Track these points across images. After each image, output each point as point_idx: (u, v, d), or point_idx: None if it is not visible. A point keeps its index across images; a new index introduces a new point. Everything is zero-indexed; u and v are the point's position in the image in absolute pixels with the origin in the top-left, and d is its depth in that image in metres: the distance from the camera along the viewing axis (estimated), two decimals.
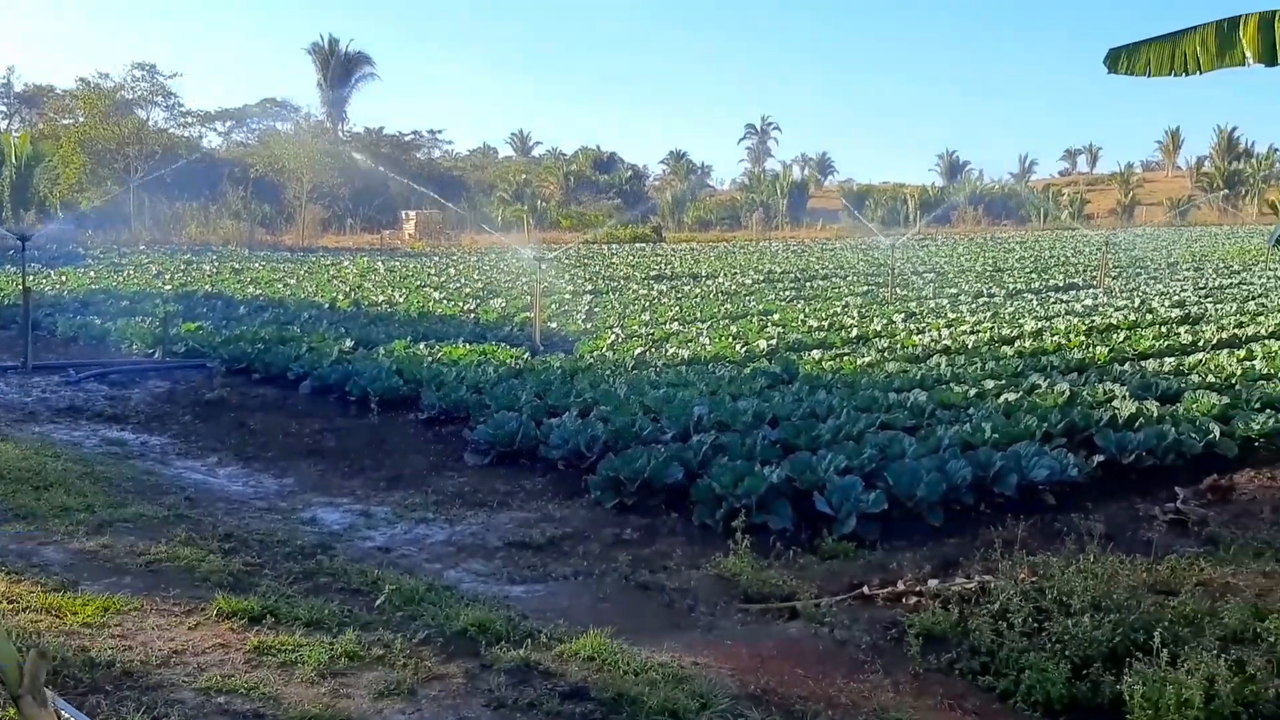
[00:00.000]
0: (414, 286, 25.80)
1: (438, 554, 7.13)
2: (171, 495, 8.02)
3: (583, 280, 28.16)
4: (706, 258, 40.80)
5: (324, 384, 12.34)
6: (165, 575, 5.95)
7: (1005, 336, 16.01)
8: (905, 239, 38.04)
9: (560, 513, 8.11)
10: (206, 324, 17.04)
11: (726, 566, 6.54)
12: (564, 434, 9.31)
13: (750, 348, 14.92)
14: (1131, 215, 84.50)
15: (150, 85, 53.05)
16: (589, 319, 19.15)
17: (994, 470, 8.21)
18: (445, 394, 11.19)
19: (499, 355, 13.93)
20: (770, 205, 77.86)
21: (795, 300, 23.06)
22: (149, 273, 28.78)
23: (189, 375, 13.61)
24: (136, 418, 11.31)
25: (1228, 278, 28.81)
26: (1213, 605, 5.40)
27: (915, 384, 11.73)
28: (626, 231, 60.67)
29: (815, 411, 10.12)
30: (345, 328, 16.96)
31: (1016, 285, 26.98)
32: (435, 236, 55.11)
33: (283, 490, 8.76)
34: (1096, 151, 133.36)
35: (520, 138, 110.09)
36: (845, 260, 37.95)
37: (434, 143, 78.52)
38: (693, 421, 9.67)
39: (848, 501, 7.52)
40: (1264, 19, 7.04)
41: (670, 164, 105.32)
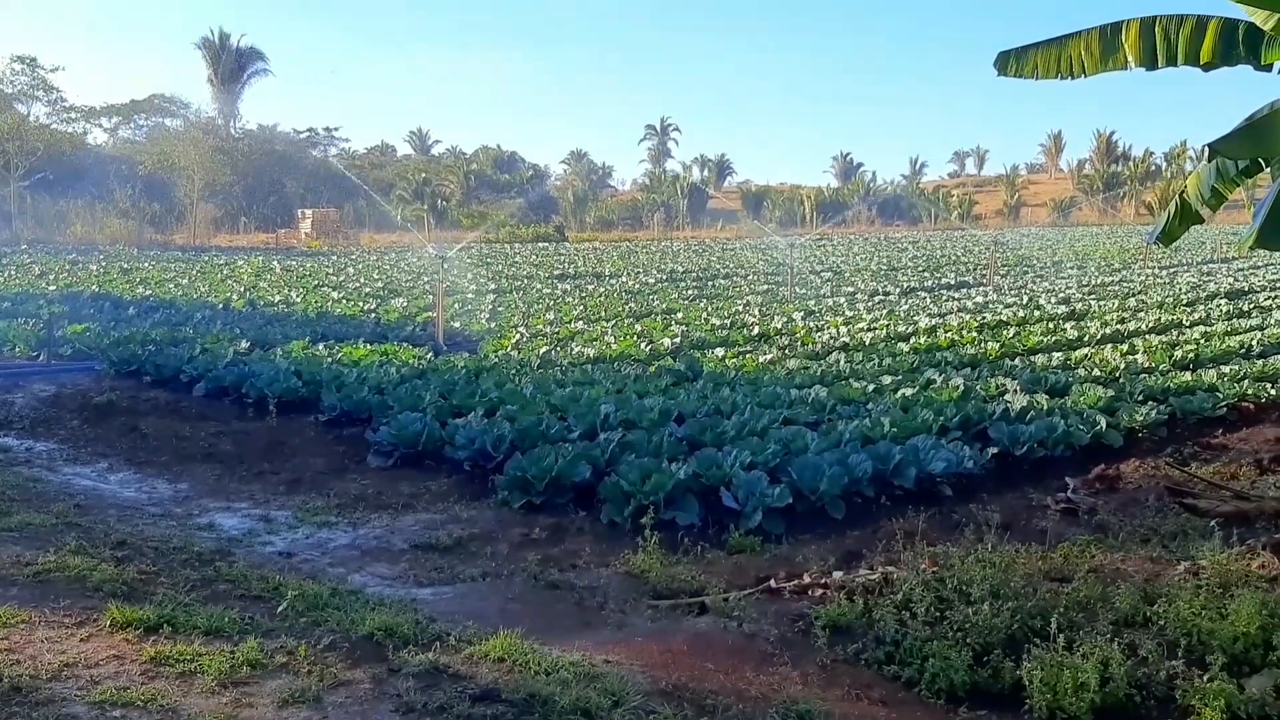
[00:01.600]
0: (311, 286, 25.29)
1: (342, 558, 7.00)
2: (60, 502, 7.70)
3: (486, 279, 27.95)
4: (609, 257, 40.88)
5: (219, 386, 11.99)
6: (55, 586, 5.70)
7: (901, 333, 16.40)
8: (804, 239, 38.67)
9: (467, 514, 8.03)
10: (94, 326, 16.44)
11: (636, 564, 6.56)
12: (470, 434, 9.23)
13: (655, 346, 15.00)
14: (1018, 216, 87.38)
15: (31, 79, 51.16)
16: (493, 318, 19.03)
17: (893, 463, 8.40)
18: (346, 395, 10.99)
19: (401, 355, 13.73)
20: (671, 205, 78.38)
21: (698, 299, 23.26)
22: (32, 273, 27.67)
23: (76, 378, 13.09)
24: (20, 423, 10.85)
25: (1109, 275, 29.97)
26: (1105, 591, 5.60)
27: (816, 380, 11.93)
28: (529, 231, 60.47)
29: (720, 408, 10.22)
30: (241, 328, 16.53)
31: (910, 284, 27.65)
32: (333, 235, 54.10)
33: (178, 495, 8.50)
34: (984, 154, 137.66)
35: (419, 135, 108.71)
36: (745, 260, 38.41)
37: (331, 140, 77.16)
38: (600, 420, 9.68)
39: (753, 496, 7.61)
40: (1145, 24, 7.37)
41: (571, 164, 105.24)
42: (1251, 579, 5.67)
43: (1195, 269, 32.45)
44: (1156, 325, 17.50)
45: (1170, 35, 7.23)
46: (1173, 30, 7.25)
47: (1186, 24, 7.22)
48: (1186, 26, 7.20)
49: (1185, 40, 7.17)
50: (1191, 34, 7.16)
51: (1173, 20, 7.32)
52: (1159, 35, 7.26)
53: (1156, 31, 7.27)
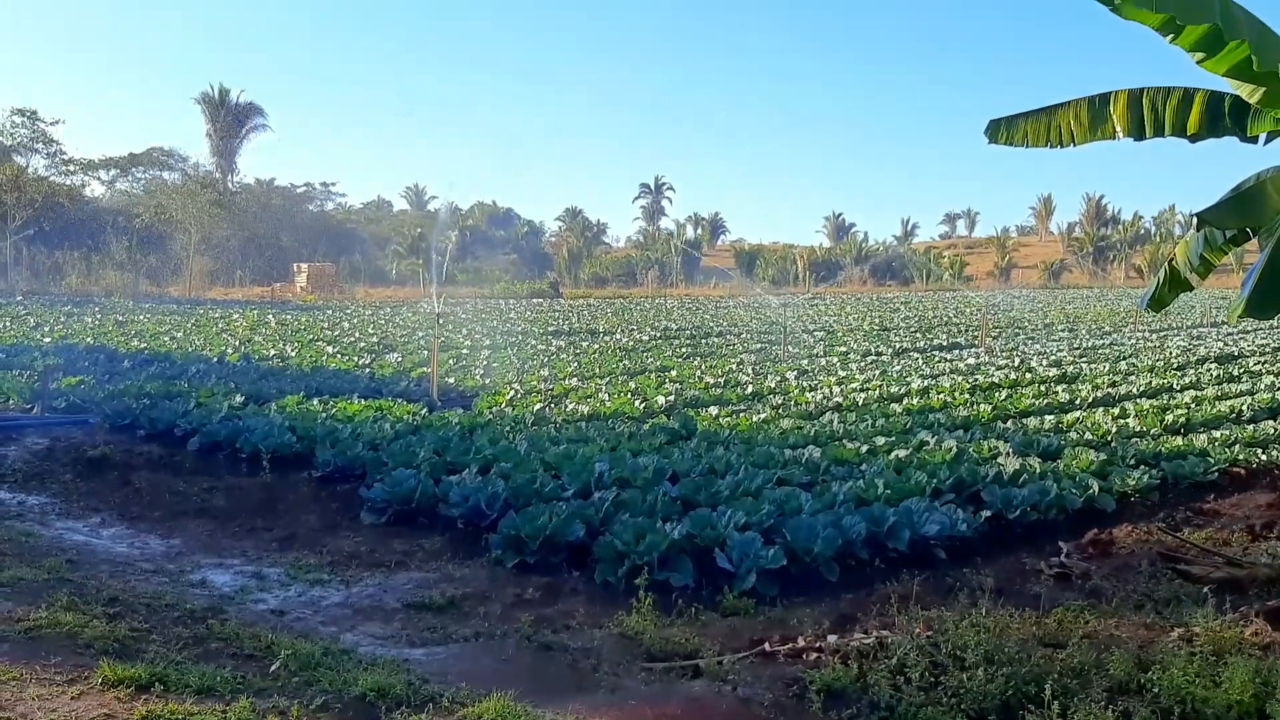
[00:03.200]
0: (307, 340, 25.33)
1: (334, 616, 6.97)
2: (52, 557, 7.67)
3: (480, 335, 28.04)
4: (604, 314, 41.08)
5: (213, 441, 11.98)
6: (46, 642, 5.68)
7: (894, 394, 16.48)
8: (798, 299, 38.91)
9: (460, 572, 8.01)
10: (89, 378, 16.43)
11: (629, 625, 6.54)
12: (464, 491, 9.22)
13: (649, 404, 15.04)
14: (1008, 277, 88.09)
15: (31, 132, 51.51)
16: (487, 374, 19.06)
17: (887, 526, 8.40)
18: (340, 451, 10.99)
19: (396, 411, 13.74)
20: (665, 263, 78.91)
21: (691, 357, 23.35)
22: (26, 324, 27.69)
23: (70, 432, 13.06)
24: (13, 476, 10.81)
25: (1100, 338, 30.18)
26: (1099, 657, 5.61)
27: (810, 440, 11.97)
28: (524, 287, 60.75)
29: (714, 468, 10.24)
30: (235, 383, 16.53)
31: (903, 344, 27.80)
32: (328, 289, 54.31)
33: (170, 551, 8.47)
34: (974, 216, 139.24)
35: (415, 191, 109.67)
36: (739, 318, 38.62)
37: (327, 195, 77.80)
38: (594, 478, 9.69)
39: (748, 558, 7.61)
40: (1132, 95, 7.53)
41: (566, 221, 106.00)
42: (1245, 646, 5.68)
43: (1185, 333, 32.69)
44: (1148, 389, 17.60)
45: (1158, 106, 7.39)
46: (1160, 102, 7.41)
47: (1174, 96, 7.38)
48: (1174, 98, 7.37)
49: (1172, 112, 7.33)
50: (1179, 106, 7.32)
51: (1160, 92, 7.48)
52: (1146, 106, 7.42)
53: (1144, 103, 7.43)
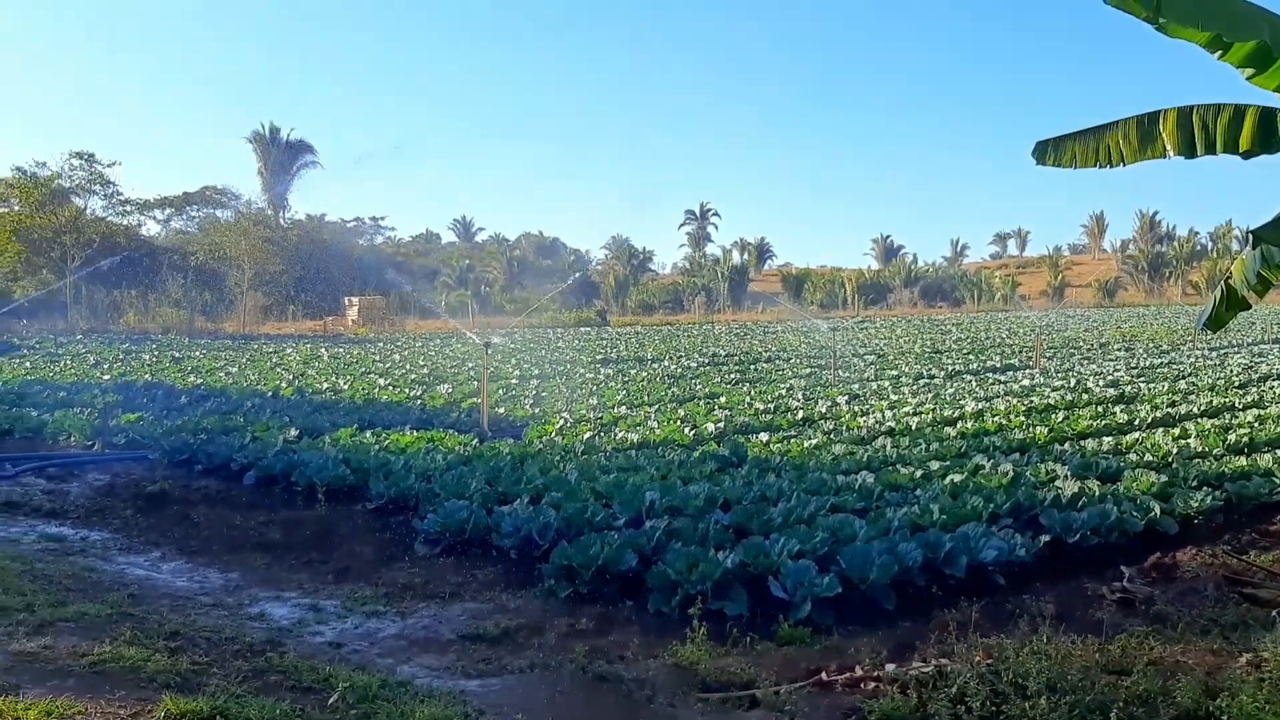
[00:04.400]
0: (359, 373, 25.63)
1: (390, 648, 7.00)
2: (114, 592, 7.81)
3: (529, 364, 28.19)
4: (651, 341, 41.13)
5: (269, 474, 12.15)
6: (110, 676, 5.77)
7: (947, 418, 16.30)
8: (847, 322, 38.69)
9: (514, 603, 8.02)
10: (147, 414, 16.75)
11: (684, 655, 6.50)
12: (515, 522, 9.25)
13: (699, 431, 15.01)
14: (1062, 297, 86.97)
15: (88, 174, 52.83)
16: (536, 404, 19.15)
17: (944, 552, 8.29)
18: (393, 483, 11.09)
19: (447, 442, 13.84)
20: (712, 289, 78.91)
21: (740, 383, 23.28)
22: (87, 362, 28.28)
23: (130, 467, 13.32)
24: (76, 512, 11.04)
25: (1158, 357, 29.65)
26: (1165, 684, 5.48)
27: (862, 466, 11.87)
28: (571, 315, 61.03)
29: (766, 495, 10.19)
30: (289, 416, 16.76)
31: (955, 366, 27.51)
32: (379, 322, 54.96)
33: (229, 585, 8.58)
34: (1025, 235, 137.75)
35: (463, 224, 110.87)
36: (787, 343, 38.47)
37: (377, 229, 78.87)
38: (645, 507, 9.68)
39: (802, 586, 7.54)
40: (1182, 114, 7.43)
41: (612, 249, 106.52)
42: None
43: (1246, 350, 32.02)
44: (1208, 408, 17.25)
45: (1208, 124, 7.27)
46: (1210, 119, 7.29)
47: (1224, 113, 7.26)
48: (1224, 115, 7.24)
49: (1224, 129, 7.20)
50: (1230, 123, 7.19)
51: (1210, 109, 7.37)
52: (1197, 124, 7.30)
53: (1194, 121, 7.32)
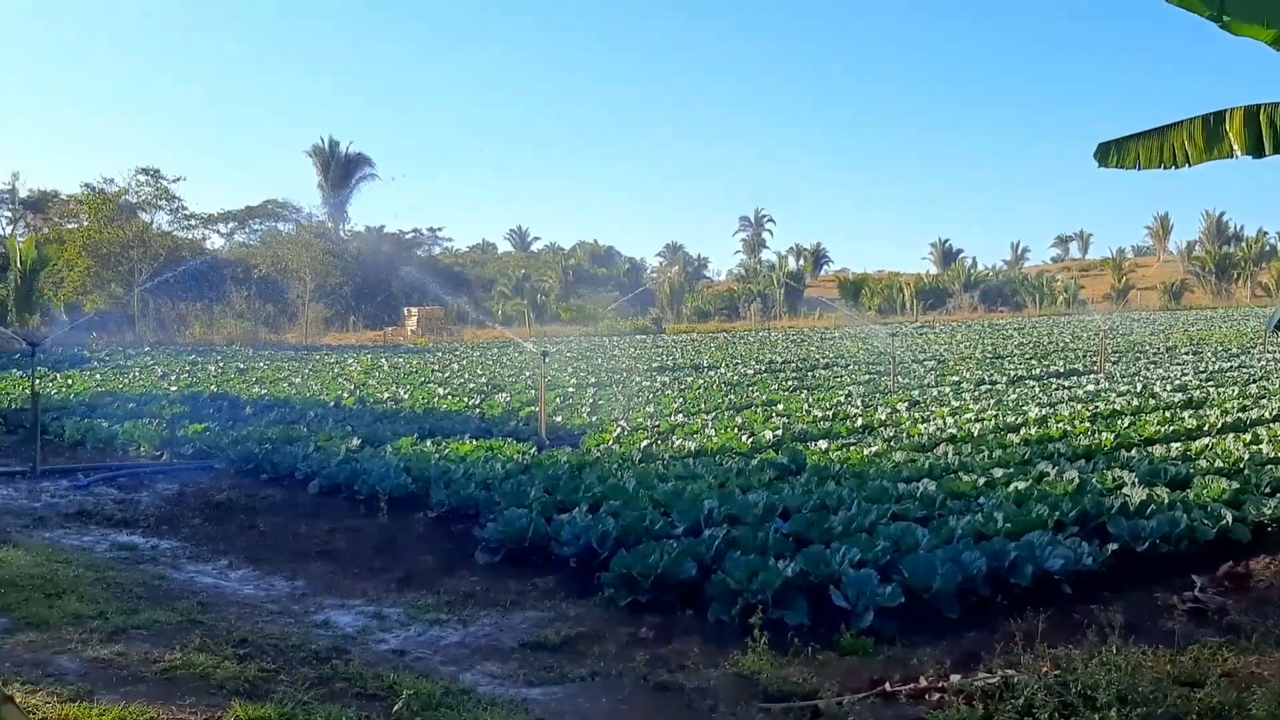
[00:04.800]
0: (418, 383, 25.90)
1: (453, 656, 7.07)
2: (184, 600, 7.97)
3: (585, 373, 28.29)
4: (707, 348, 41.06)
5: (332, 483, 12.33)
6: (181, 683, 5.90)
7: (1010, 424, 16.06)
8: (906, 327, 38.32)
9: (574, 611, 8.05)
10: (213, 425, 17.07)
11: (745, 664, 6.48)
12: (575, 530, 9.29)
13: (756, 439, 14.95)
14: (1126, 300, 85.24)
15: (154, 189, 54.07)
16: (593, 412, 19.21)
17: (1009, 561, 8.17)
18: (454, 491, 11.19)
19: (506, 451, 13.93)
20: (768, 295, 78.57)
21: (798, 390, 23.14)
22: (154, 374, 28.90)
23: (197, 477, 13.61)
24: (146, 521, 11.29)
25: (1227, 361, 28.94)
26: (1239, 697, 5.35)
27: (924, 473, 11.74)
28: (627, 323, 61.15)
29: (826, 503, 10.12)
30: (351, 426, 16.99)
31: (1017, 371, 27.11)
32: (437, 332, 55.53)
33: (294, 592, 8.71)
34: (1087, 238, 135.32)
35: (519, 233, 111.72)
36: (845, 349, 38.18)
37: (434, 239, 79.72)
38: (703, 515, 9.66)
39: (864, 595, 7.48)
40: (1249, 112, 7.26)
41: (667, 256, 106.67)
42: None
43: None
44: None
45: (1276, 123, 7.10)
46: (1279, 118, 7.12)
47: None
48: None
49: None
50: None
51: (1278, 108, 7.19)
52: (1264, 123, 7.13)
53: (1261, 119, 7.15)
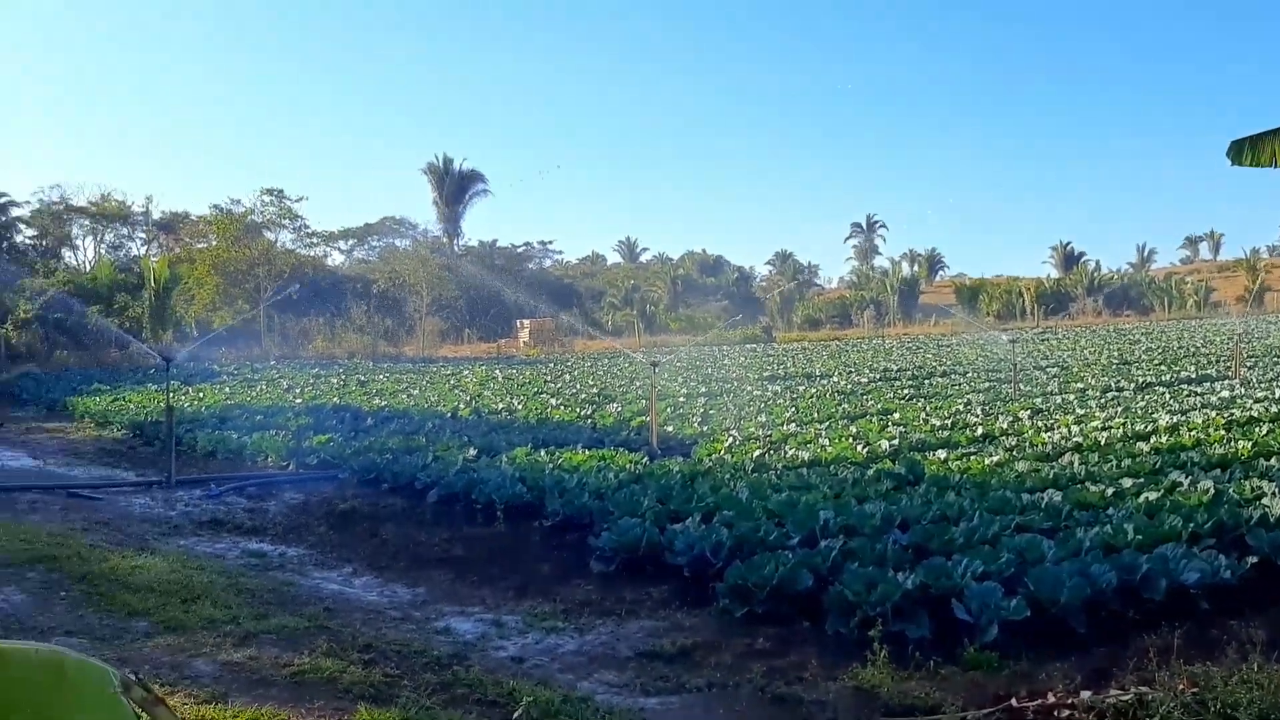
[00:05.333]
0: (531, 393, 26.24)
1: (570, 664, 7.12)
2: (311, 606, 8.22)
3: (696, 383, 28.27)
4: (819, 356, 40.63)
5: (450, 492, 12.57)
6: (309, 686, 6.08)
7: (1139, 432, 15.46)
8: (1026, 333, 37.28)
9: (689, 621, 8.03)
10: (336, 436, 17.59)
11: (865, 677, 6.37)
12: (688, 540, 9.27)
13: (872, 448, 14.70)
14: (1262, 302, 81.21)
15: (278, 209, 56.08)
16: (705, 421, 19.17)
17: (1140, 574, 7.86)
18: (568, 501, 11.29)
19: (618, 460, 14.00)
20: (881, 302, 77.38)
21: (914, 398, 22.70)
22: (280, 387, 29.92)
23: (321, 486, 14.03)
24: (274, 529, 11.69)
25: None
26: None
27: (1048, 484, 11.38)
28: (736, 333, 60.95)
29: (946, 514, 9.89)
30: (468, 436, 17.29)
31: (1146, 378, 26.09)
32: (549, 343, 56.22)
33: (416, 600, 8.90)
34: (1219, 238, 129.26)
35: (628, 244, 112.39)
36: (963, 356, 37.32)
37: (545, 253, 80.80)
38: (819, 526, 9.54)
39: (988, 609, 7.27)
40: None
41: (777, 264, 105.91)
42: None
43: None
44: None
45: None
46: None
47: None
48: None
49: None
50: None
51: None
52: None
53: None
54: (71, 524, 11.65)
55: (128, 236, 65.97)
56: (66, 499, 13.44)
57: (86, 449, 19.23)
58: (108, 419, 22.92)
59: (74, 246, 64.68)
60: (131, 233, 65.95)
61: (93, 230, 64.71)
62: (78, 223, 63.26)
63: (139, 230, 66.48)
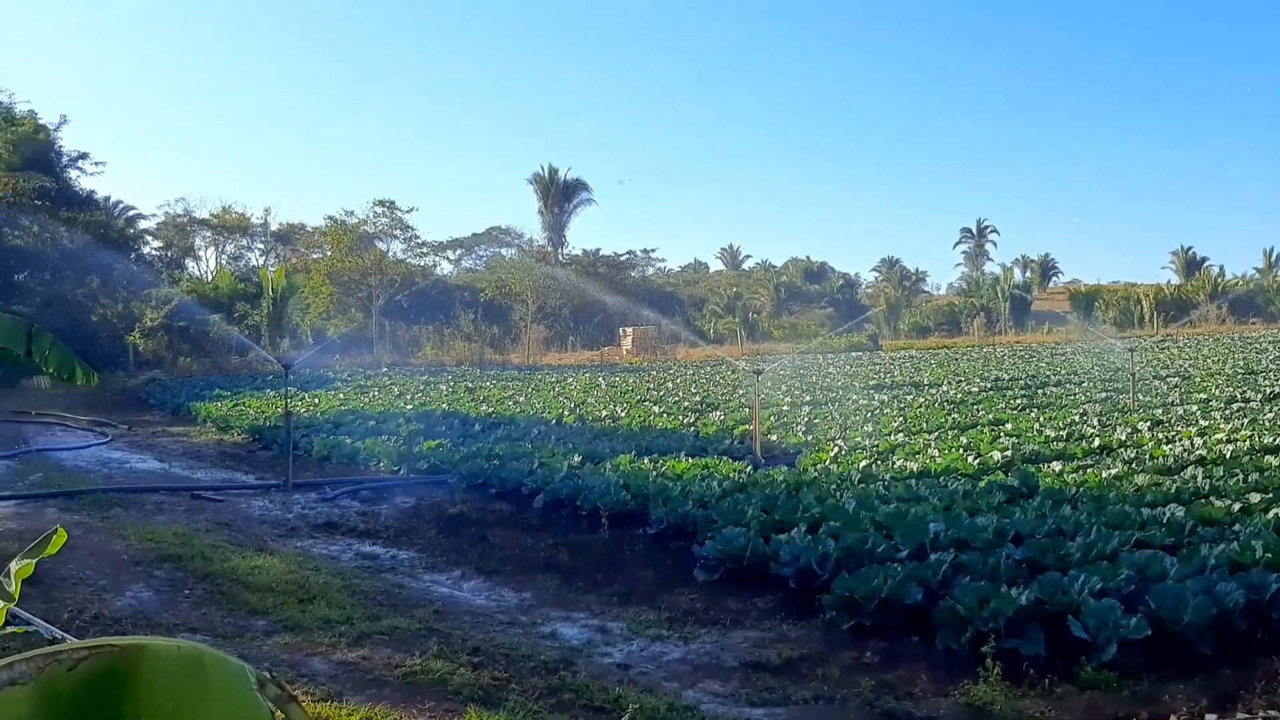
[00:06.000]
0: (634, 401, 26.33)
1: (675, 672, 7.12)
2: (421, 608, 8.40)
3: (800, 391, 28.02)
4: (927, 365, 39.87)
5: (555, 498, 12.69)
6: (420, 687, 6.20)
7: (1268, 445, 14.77)
8: (1145, 342, 36.00)
9: (795, 633, 7.96)
10: (445, 441, 17.91)
11: (977, 695, 6.23)
12: (794, 551, 9.19)
13: (983, 460, 14.36)
14: None
15: (390, 220, 57.37)
16: (809, 431, 18.98)
17: (1270, 593, 7.51)
18: (672, 508, 11.29)
19: (722, 469, 13.96)
20: (991, 310, 75.54)
21: (1027, 408, 22.08)
22: (391, 393, 30.60)
23: (431, 491, 14.33)
24: (386, 532, 11.97)
25: None
26: None
27: (1170, 498, 10.96)
28: (841, 341, 60.22)
29: (1061, 528, 9.59)
30: (572, 443, 17.45)
31: (1275, 388, 24.91)
32: (651, 351, 56.40)
33: (522, 604, 9.02)
34: None
35: (730, 252, 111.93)
36: (1078, 365, 36.21)
37: (648, 261, 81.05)
38: (928, 539, 9.36)
39: (1106, 627, 7.04)
40: None
41: (883, 271, 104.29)
42: None
43: None
44: None
45: None
46: None
47: None
48: None
49: None
50: None
51: None
52: None
53: None
54: (195, 524, 12.12)
55: (247, 247, 68.28)
56: (190, 500, 13.99)
57: (208, 452, 19.99)
58: (228, 423, 23.78)
59: (197, 257, 67.27)
60: (251, 243, 68.23)
61: (214, 241, 67.21)
62: (200, 234, 65.78)
63: (258, 241, 68.76)
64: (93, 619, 7.68)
